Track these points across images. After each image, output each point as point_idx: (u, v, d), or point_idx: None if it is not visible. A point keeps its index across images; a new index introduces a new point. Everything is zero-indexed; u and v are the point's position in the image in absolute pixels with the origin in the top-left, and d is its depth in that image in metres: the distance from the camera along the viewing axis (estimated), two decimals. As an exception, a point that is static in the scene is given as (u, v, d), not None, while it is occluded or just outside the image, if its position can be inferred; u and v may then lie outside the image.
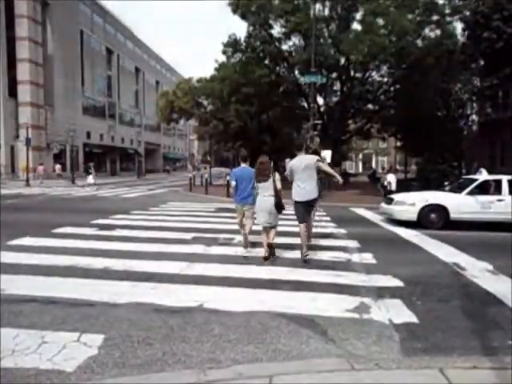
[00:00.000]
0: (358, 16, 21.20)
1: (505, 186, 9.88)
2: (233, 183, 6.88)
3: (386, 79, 23.46)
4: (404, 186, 20.52)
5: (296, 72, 22.94)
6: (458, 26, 20.07)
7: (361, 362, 2.94)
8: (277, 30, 21.98)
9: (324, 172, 6.59)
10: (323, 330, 3.58)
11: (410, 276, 5.35)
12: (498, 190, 9.97)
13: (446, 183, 13.55)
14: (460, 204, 9.84)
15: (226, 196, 17.82)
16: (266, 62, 23.10)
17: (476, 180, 10.30)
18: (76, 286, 4.64)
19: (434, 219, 9.81)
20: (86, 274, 5.09)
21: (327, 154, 7.07)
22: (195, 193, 20.76)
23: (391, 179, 15.52)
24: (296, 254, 6.44)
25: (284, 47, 22.72)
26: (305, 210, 6.28)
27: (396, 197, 10.70)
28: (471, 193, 9.95)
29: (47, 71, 34.95)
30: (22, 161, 29.30)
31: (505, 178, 10.08)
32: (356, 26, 21.10)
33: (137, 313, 3.87)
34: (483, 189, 10.11)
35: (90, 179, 25.71)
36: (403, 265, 6.03)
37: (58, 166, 31.85)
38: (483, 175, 10.52)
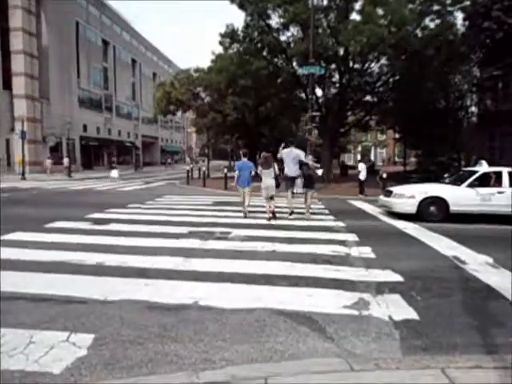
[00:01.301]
0: (357, 6, 20.84)
1: (505, 178, 9.76)
2: (236, 172, 9.96)
3: (385, 70, 23.16)
4: (403, 178, 20.45)
5: (294, 63, 22.61)
6: (459, 16, 19.81)
7: (360, 362, 2.83)
8: (275, 20, 21.61)
9: (306, 163, 9.72)
10: (321, 328, 3.48)
11: (410, 270, 5.25)
12: (499, 182, 9.86)
13: (446, 175, 13.42)
14: (460, 196, 9.73)
15: (224, 189, 17.70)
16: (264, 53, 22.73)
17: (476, 172, 10.17)
18: (67, 282, 4.51)
19: (433, 212, 9.70)
20: (78, 270, 4.96)
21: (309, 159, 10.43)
22: (193, 186, 20.63)
23: (361, 168, 16.47)
24: (294, 248, 6.40)
25: (282, 38, 22.36)
26: (290, 182, 9.69)
27: (395, 189, 10.57)
28: (471, 185, 9.83)
29: (42, 63, 34.49)
30: (18, 154, 29.06)
31: (505, 170, 9.96)
32: (355, 16, 20.77)
33: (129, 311, 3.76)
34: (483, 181, 10.00)
35: (114, 173, 25.30)
36: (402, 259, 5.93)
37: (66, 160, 31.24)
38: (483, 167, 10.38)
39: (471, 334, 3.44)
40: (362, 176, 16.27)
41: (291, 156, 9.64)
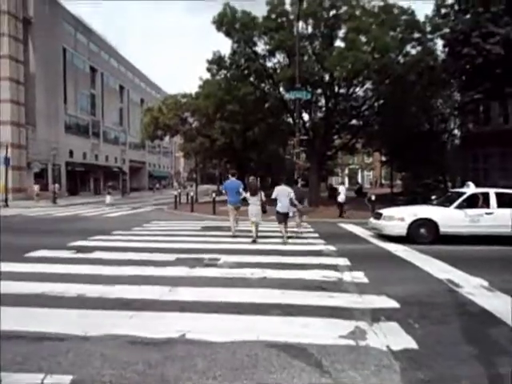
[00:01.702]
0: (341, 33, 21.46)
1: (492, 199, 9.82)
2: (224, 191, 11.16)
3: (369, 95, 23.66)
4: (390, 200, 20.55)
5: (281, 88, 22.96)
6: (439, 43, 20.49)
7: (360, 400, 2.63)
8: (261, 47, 22.05)
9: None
10: (317, 361, 3.28)
11: (405, 295, 5.10)
12: (486, 204, 9.91)
13: (434, 197, 13.49)
14: (449, 218, 9.73)
15: (212, 213, 17.48)
16: (251, 79, 23.06)
17: (464, 193, 10.22)
18: (45, 317, 4.22)
19: (423, 234, 9.66)
20: (57, 303, 4.67)
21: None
22: (181, 211, 20.35)
23: (341, 190, 16.61)
24: (285, 274, 6.22)
25: (269, 64, 22.76)
26: (282, 216, 9.94)
27: (385, 212, 10.54)
28: (460, 206, 9.85)
29: (29, 89, 34.36)
30: (1, 181, 28.40)
31: (492, 191, 10.03)
32: (339, 43, 21.34)
33: (111, 347, 3.50)
34: (471, 202, 10.04)
35: (109, 199, 25.15)
36: (396, 283, 5.79)
37: (56, 186, 30.59)
38: (471, 188, 10.45)
39: (474, 363, 3.28)
40: (341, 198, 16.25)
41: (284, 193, 10.34)
